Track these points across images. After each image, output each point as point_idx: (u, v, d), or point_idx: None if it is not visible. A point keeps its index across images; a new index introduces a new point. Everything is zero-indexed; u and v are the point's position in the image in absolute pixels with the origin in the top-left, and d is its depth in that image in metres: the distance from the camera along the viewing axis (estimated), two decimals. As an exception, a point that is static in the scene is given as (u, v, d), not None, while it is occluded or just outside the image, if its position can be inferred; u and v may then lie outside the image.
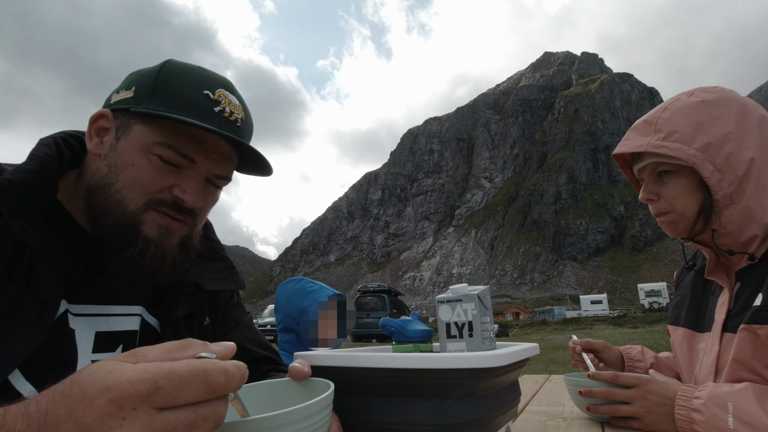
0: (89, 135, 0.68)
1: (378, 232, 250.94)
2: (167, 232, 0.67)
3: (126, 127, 0.65)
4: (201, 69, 0.70)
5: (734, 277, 0.91)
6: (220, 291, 0.84)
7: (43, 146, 0.65)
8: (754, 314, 0.80)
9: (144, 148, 0.64)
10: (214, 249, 0.87)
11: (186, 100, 0.64)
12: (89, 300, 0.67)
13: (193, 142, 0.66)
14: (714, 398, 0.75)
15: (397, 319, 0.77)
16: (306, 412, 0.41)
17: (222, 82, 0.70)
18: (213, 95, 0.67)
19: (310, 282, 1.51)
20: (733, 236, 0.87)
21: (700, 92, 0.92)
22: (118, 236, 0.63)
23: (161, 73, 0.66)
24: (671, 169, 0.93)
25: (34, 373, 0.58)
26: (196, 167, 0.67)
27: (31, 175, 0.60)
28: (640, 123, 0.96)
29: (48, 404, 0.34)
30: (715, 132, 0.86)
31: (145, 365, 0.34)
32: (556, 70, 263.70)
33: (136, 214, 0.64)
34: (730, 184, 0.84)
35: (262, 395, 0.48)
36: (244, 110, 0.72)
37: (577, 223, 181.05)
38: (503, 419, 0.66)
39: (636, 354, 1.21)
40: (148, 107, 0.63)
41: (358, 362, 0.61)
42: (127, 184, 0.63)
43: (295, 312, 1.46)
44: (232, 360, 0.38)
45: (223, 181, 0.73)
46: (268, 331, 18.72)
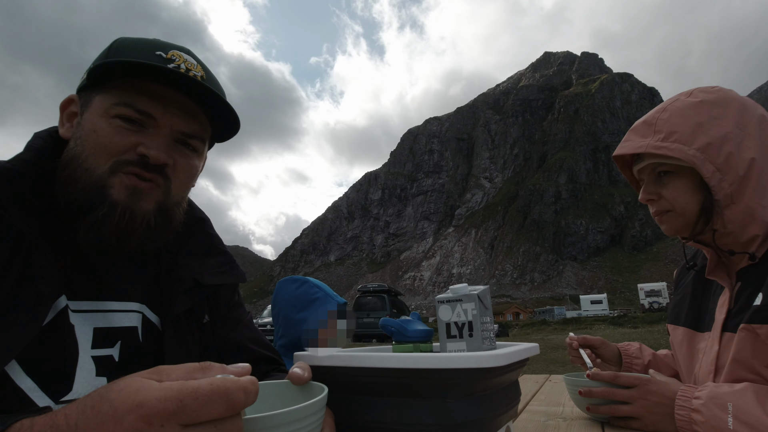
0: (61, 122, 0.69)
1: (378, 232, 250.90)
2: (136, 193, 0.65)
3: (87, 102, 0.66)
4: (155, 39, 0.70)
5: (735, 277, 0.91)
6: (219, 286, 0.84)
7: (39, 139, 0.66)
8: (754, 314, 0.80)
9: (103, 113, 0.64)
10: (213, 244, 0.86)
11: (138, 60, 0.64)
12: (88, 296, 0.67)
13: (150, 98, 0.65)
14: (714, 398, 0.75)
15: (397, 319, 0.77)
16: (299, 414, 0.42)
17: (177, 47, 0.69)
18: (166, 54, 0.66)
19: (315, 286, 1.45)
20: (734, 236, 0.87)
21: (699, 92, 0.92)
22: (85, 201, 0.63)
23: (114, 44, 0.67)
24: (671, 169, 0.93)
25: (34, 368, 0.58)
26: (158, 123, 0.67)
27: (27, 164, 0.60)
28: (640, 124, 0.96)
29: (78, 418, 0.35)
30: (715, 132, 0.86)
31: (171, 384, 0.36)
32: (556, 70, 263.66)
33: (102, 178, 0.63)
34: (730, 184, 0.84)
35: (262, 395, 0.49)
36: (204, 69, 0.70)
37: (577, 223, 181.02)
38: (503, 419, 0.66)
39: (634, 351, 1.22)
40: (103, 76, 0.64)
41: (358, 362, 0.61)
42: (91, 151, 0.63)
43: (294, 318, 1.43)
44: (248, 376, 0.40)
45: (194, 140, 0.71)
46: (268, 331, 18.66)
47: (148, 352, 0.71)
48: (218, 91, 0.72)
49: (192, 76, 0.67)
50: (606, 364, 1.19)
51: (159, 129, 0.67)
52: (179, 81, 0.66)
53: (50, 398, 0.58)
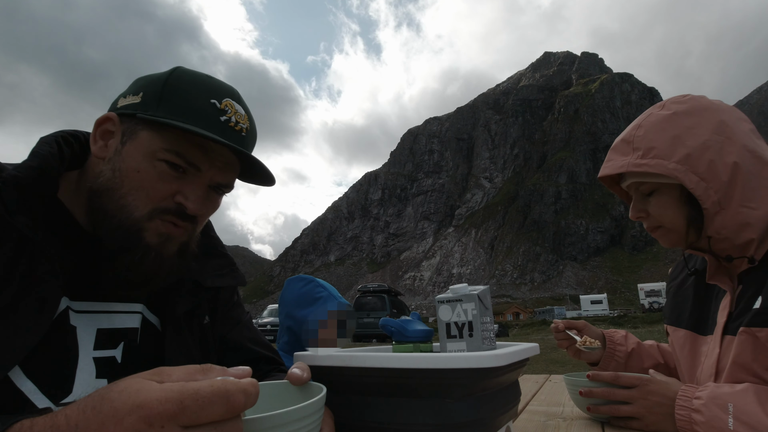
0: (94, 137, 0.68)
1: (378, 232, 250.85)
2: (167, 239, 0.67)
3: (132, 133, 0.66)
4: (209, 77, 0.71)
5: (737, 280, 0.90)
6: (220, 288, 0.84)
7: (45, 144, 0.65)
8: (753, 317, 0.80)
9: (150, 154, 0.64)
10: (214, 246, 0.87)
11: (193, 109, 0.65)
12: (90, 297, 0.67)
13: (198, 150, 0.66)
14: (714, 399, 0.74)
15: (397, 319, 0.77)
16: (298, 414, 0.42)
17: (229, 92, 0.71)
18: (220, 104, 0.68)
19: (320, 286, 1.47)
20: (729, 241, 0.87)
21: (671, 104, 0.92)
22: (119, 241, 0.64)
23: (170, 80, 0.67)
24: (654, 187, 0.93)
25: (35, 370, 0.58)
26: (200, 175, 0.68)
27: (34, 172, 0.60)
28: (619, 142, 0.97)
29: (78, 418, 0.35)
30: (693, 142, 0.86)
31: (171, 385, 0.36)
32: (556, 70, 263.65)
33: (140, 221, 0.64)
34: (716, 191, 0.84)
35: (261, 395, 0.49)
36: (249, 120, 0.73)
37: (577, 223, 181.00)
38: (503, 419, 0.66)
39: (619, 338, 1.21)
40: (156, 113, 0.64)
41: (357, 362, 0.61)
42: (131, 190, 0.64)
43: (296, 316, 1.46)
44: (248, 378, 0.40)
45: (226, 188, 0.74)
46: (268, 331, 18.68)
47: (149, 353, 0.72)
48: (252, 144, 0.75)
49: (239, 130, 0.69)
50: (590, 346, 1.18)
51: (200, 179, 0.68)
52: (228, 135, 0.67)
53: (50, 400, 0.58)
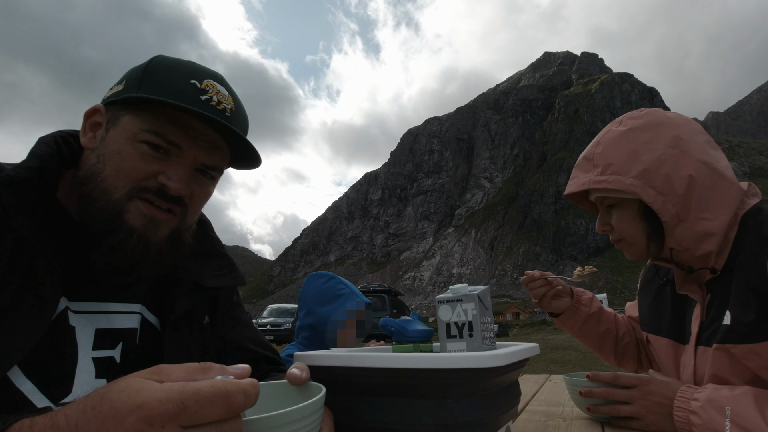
0: (83, 130, 0.69)
1: (378, 232, 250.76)
2: (153, 222, 0.66)
3: (115, 119, 0.66)
4: (191, 62, 0.70)
5: (705, 289, 0.92)
6: (219, 288, 0.84)
7: (43, 144, 0.65)
8: (726, 334, 0.80)
9: (131, 136, 0.64)
10: (213, 246, 0.87)
11: (172, 89, 0.65)
12: (89, 297, 0.67)
13: (179, 129, 0.66)
14: (712, 401, 0.75)
15: (397, 319, 0.77)
16: (297, 414, 0.42)
17: (211, 74, 0.70)
18: (200, 84, 0.67)
19: (341, 283, 1.49)
20: (690, 252, 0.88)
21: (627, 120, 0.95)
22: (102, 224, 0.63)
23: (149, 65, 0.67)
24: (614, 202, 0.96)
25: (34, 370, 0.58)
26: (183, 154, 0.67)
27: (32, 172, 0.60)
28: (581, 159, 0.99)
29: (78, 418, 0.35)
30: (648, 157, 0.88)
31: (172, 385, 0.36)
32: (556, 70, 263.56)
33: (120, 202, 0.63)
34: (674, 204, 0.86)
35: (260, 395, 0.49)
36: (234, 101, 0.72)
37: (577, 223, 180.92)
38: (503, 419, 0.66)
39: (585, 299, 1.24)
40: (137, 95, 0.64)
41: (358, 362, 0.61)
42: (112, 172, 0.64)
43: (317, 312, 1.47)
44: (248, 378, 0.40)
45: (214, 171, 0.73)
46: (268, 331, 18.66)
47: (148, 353, 0.71)
48: (244, 126, 0.73)
49: (222, 110, 0.68)
50: (559, 298, 1.22)
51: (182, 159, 0.67)
52: (210, 114, 0.66)
53: (50, 400, 0.58)
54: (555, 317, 1.25)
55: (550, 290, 1.19)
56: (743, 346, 0.78)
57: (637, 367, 1.24)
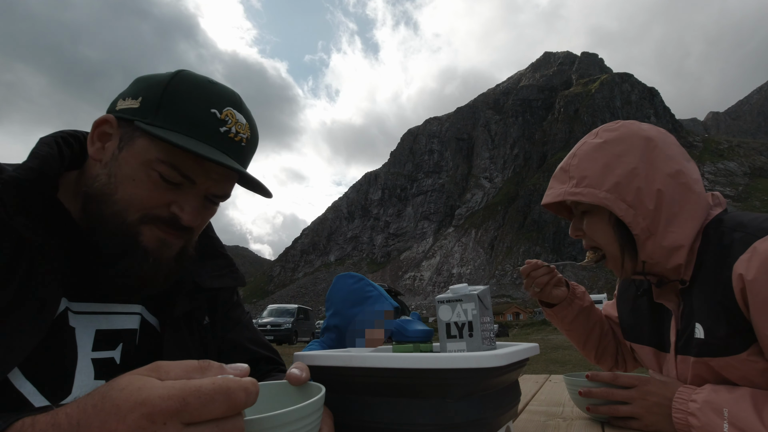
0: (91, 139, 0.68)
1: (378, 232, 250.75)
2: (165, 244, 0.67)
3: (129, 139, 0.65)
4: (211, 83, 0.69)
5: (680, 297, 0.93)
6: (219, 289, 0.84)
7: (44, 145, 0.65)
8: (701, 348, 0.82)
9: (146, 163, 0.64)
10: (213, 247, 0.87)
11: (192, 119, 0.64)
12: (89, 298, 0.67)
13: (194, 163, 0.65)
14: (710, 403, 0.75)
15: (397, 319, 0.77)
16: (297, 414, 0.43)
17: (230, 100, 0.70)
18: (220, 114, 0.67)
19: (370, 285, 1.48)
20: (661, 265, 0.90)
21: (603, 132, 0.97)
22: (116, 246, 0.63)
23: (170, 86, 0.66)
24: (588, 209, 0.98)
25: (34, 371, 0.58)
26: (196, 187, 0.67)
27: (34, 173, 0.60)
28: (558, 170, 1.01)
29: (80, 416, 0.35)
30: (621, 170, 0.89)
31: (173, 383, 0.36)
32: (556, 70, 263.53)
33: (133, 225, 0.64)
34: (644, 218, 0.87)
35: (259, 395, 0.49)
36: (250, 128, 0.72)
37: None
38: (503, 419, 0.66)
39: (579, 293, 1.25)
40: (154, 121, 0.64)
41: (358, 362, 0.61)
42: (125, 196, 0.64)
43: (346, 312, 1.46)
44: (248, 377, 0.40)
45: (221, 198, 0.73)
46: (268, 331, 18.69)
47: (148, 354, 0.72)
48: (255, 148, 0.75)
49: (239, 141, 0.68)
50: (557, 288, 1.20)
51: (195, 191, 0.68)
52: (226, 147, 0.66)
53: (49, 402, 0.58)
54: (548, 308, 1.25)
55: (553, 278, 1.19)
56: (720, 359, 0.80)
57: (613, 364, 1.27)
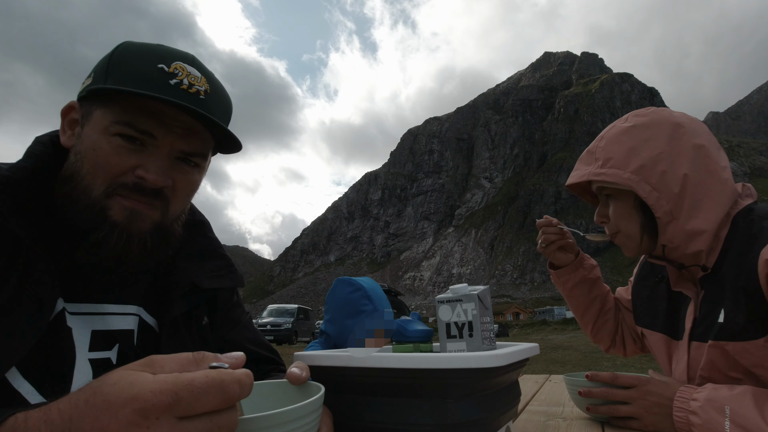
0: (62, 129, 0.67)
1: (378, 232, 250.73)
2: (134, 214, 0.64)
3: (88, 114, 0.65)
4: (158, 45, 0.67)
5: (699, 286, 0.94)
6: (218, 289, 0.83)
7: (39, 144, 0.65)
8: (719, 331, 0.82)
9: (103, 130, 0.62)
10: (211, 247, 0.86)
11: (139, 75, 0.62)
12: (85, 298, 0.67)
13: (150, 117, 0.63)
14: (711, 401, 0.75)
15: (397, 319, 0.77)
16: (296, 413, 0.42)
17: (180, 56, 0.67)
18: (168, 68, 0.64)
19: (366, 297, 1.48)
20: (681, 250, 0.91)
21: (632, 117, 0.97)
22: (84, 222, 0.62)
23: (115, 53, 0.65)
24: (612, 192, 0.99)
25: (32, 371, 0.58)
26: (158, 143, 0.65)
27: (28, 172, 0.60)
28: (584, 153, 1.03)
29: (72, 412, 0.35)
30: (647, 153, 0.90)
31: (165, 376, 0.35)
32: (556, 70, 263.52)
33: (100, 200, 0.62)
34: (668, 201, 0.88)
35: (259, 395, 0.51)
36: (209, 82, 0.69)
37: (577, 223, 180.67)
38: (503, 419, 0.66)
39: (588, 264, 1.25)
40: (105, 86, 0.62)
41: (358, 362, 0.60)
42: (90, 169, 0.62)
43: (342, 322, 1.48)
44: (242, 369, 0.39)
45: (196, 158, 0.70)
46: (268, 331, 18.67)
47: (145, 354, 0.71)
48: (224, 107, 0.71)
49: (194, 92, 0.65)
50: (565, 252, 1.23)
51: (159, 149, 0.65)
52: (180, 98, 0.63)
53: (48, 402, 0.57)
54: (554, 269, 1.27)
55: (561, 239, 1.20)
56: (736, 344, 0.80)
57: (610, 345, 1.27)
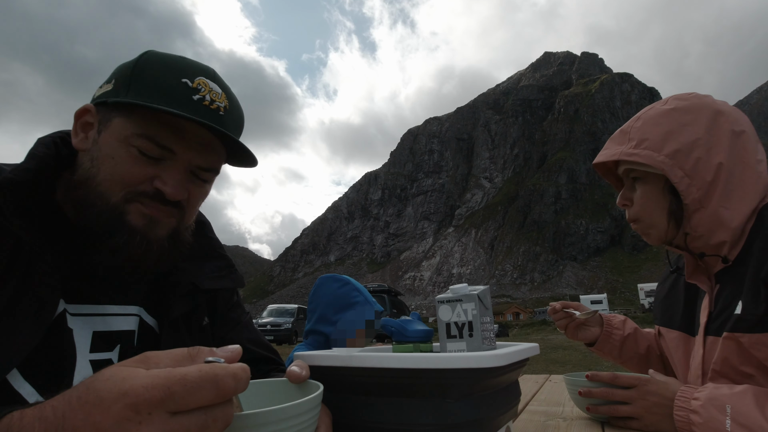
0: (75, 131, 0.68)
1: (378, 232, 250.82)
2: (153, 222, 0.66)
3: (106, 121, 0.65)
4: (181, 58, 0.68)
5: (714, 280, 0.92)
6: (218, 290, 0.84)
7: (42, 146, 0.65)
8: (736, 323, 0.81)
9: (123, 140, 0.63)
10: (212, 247, 0.86)
11: (162, 89, 0.63)
12: (87, 300, 0.67)
13: (171, 132, 0.64)
14: (712, 400, 0.75)
15: (397, 319, 0.77)
16: (293, 411, 0.43)
17: (202, 70, 0.68)
18: (192, 83, 0.65)
19: (356, 290, 1.48)
20: (704, 239, 0.89)
21: (673, 100, 0.95)
22: (102, 226, 0.63)
23: (138, 63, 0.66)
24: (640, 176, 0.97)
25: (33, 372, 0.58)
26: (176, 158, 0.66)
27: (30, 174, 0.60)
28: (617, 133, 1.00)
29: (65, 409, 0.35)
30: (684, 138, 0.88)
31: (158, 371, 0.35)
32: (556, 70, 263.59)
33: (118, 206, 0.63)
34: (699, 189, 0.87)
35: (258, 393, 0.50)
36: (228, 98, 0.70)
37: (577, 223, 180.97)
38: (503, 419, 0.66)
39: (617, 323, 1.23)
40: (126, 98, 0.63)
41: (357, 362, 0.61)
42: (107, 177, 0.63)
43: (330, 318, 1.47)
44: (238, 363, 0.39)
45: (209, 173, 0.72)
46: (268, 331, 18.68)
47: None
48: (239, 123, 0.73)
49: (215, 108, 0.66)
50: (587, 328, 1.21)
51: (177, 163, 0.67)
52: (202, 115, 0.65)
53: None
54: (591, 346, 1.24)
55: (572, 322, 1.19)
56: (752, 336, 0.79)
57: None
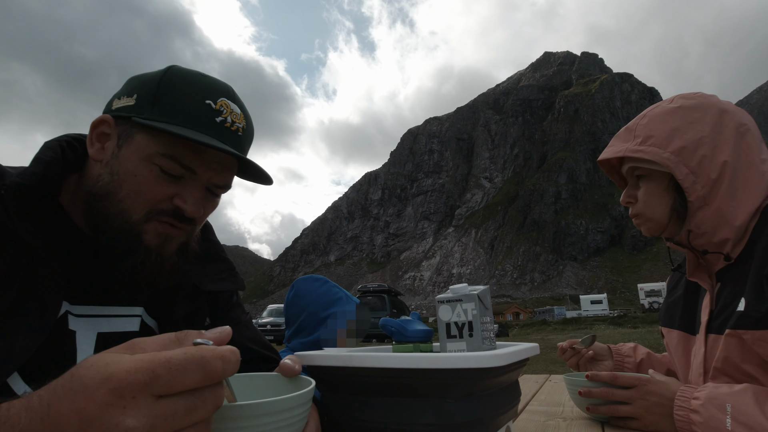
0: (90, 140, 0.69)
1: (378, 232, 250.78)
2: (166, 239, 0.68)
3: (128, 136, 0.66)
4: (202, 76, 0.71)
5: (715, 278, 0.92)
6: (218, 292, 0.85)
7: (48, 150, 0.66)
8: (738, 319, 0.81)
9: (146, 158, 0.65)
10: (213, 250, 0.88)
11: (188, 111, 0.66)
12: (90, 301, 0.68)
13: (194, 154, 0.67)
14: (712, 399, 0.75)
15: (397, 319, 0.78)
16: (284, 405, 0.43)
17: (224, 90, 0.71)
18: (215, 105, 0.68)
19: (335, 286, 1.53)
20: (707, 237, 0.89)
21: (679, 99, 0.95)
22: (120, 245, 0.64)
23: (163, 81, 0.67)
24: (645, 173, 0.97)
25: (33, 375, 0.58)
26: (197, 177, 0.69)
27: (37, 178, 0.61)
28: (623, 130, 1.01)
29: (50, 398, 0.35)
30: (690, 136, 0.89)
31: (142, 356, 0.35)
32: (556, 70, 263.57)
33: (139, 224, 0.65)
34: (703, 186, 0.87)
35: (251, 385, 0.51)
36: (245, 118, 0.73)
37: (577, 223, 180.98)
38: (503, 419, 0.66)
39: (626, 350, 1.23)
40: (151, 116, 0.65)
41: (357, 362, 0.61)
42: (129, 194, 0.65)
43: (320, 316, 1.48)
44: (227, 345, 0.39)
45: (223, 189, 0.74)
46: (268, 331, 18.66)
47: None
48: (251, 138, 0.77)
49: (235, 129, 0.70)
50: (598, 362, 1.22)
51: (196, 182, 0.69)
52: (224, 136, 0.68)
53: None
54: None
55: (581, 358, 1.20)
56: (755, 332, 0.78)
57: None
